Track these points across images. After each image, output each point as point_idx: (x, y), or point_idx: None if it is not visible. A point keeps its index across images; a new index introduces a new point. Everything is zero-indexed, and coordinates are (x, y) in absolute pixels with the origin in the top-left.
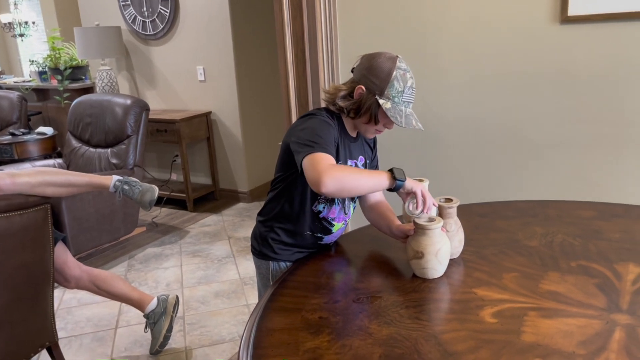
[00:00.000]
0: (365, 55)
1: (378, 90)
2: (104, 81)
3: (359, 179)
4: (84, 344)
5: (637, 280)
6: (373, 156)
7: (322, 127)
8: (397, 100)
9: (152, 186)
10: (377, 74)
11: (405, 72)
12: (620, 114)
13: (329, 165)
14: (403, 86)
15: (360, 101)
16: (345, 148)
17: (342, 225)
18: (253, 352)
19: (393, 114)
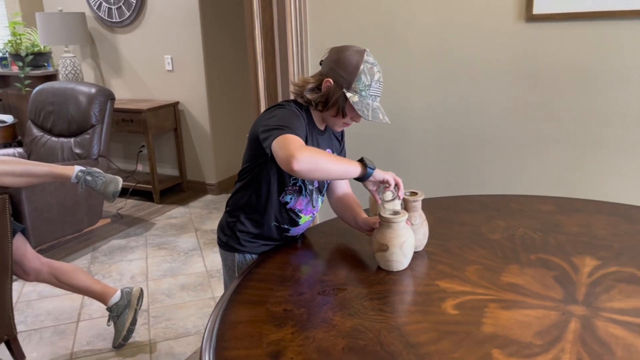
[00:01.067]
0: (334, 48)
1: (345, 83)
2: (67, 69)
3: (331, 162)
4: (44, 337)
5: (593, 273)
6: (341, 149)
7: (290, 116)
8: (364, 94)
9: (116, 177)
10: (344, 67)
11: (373, 65)
12: (582, 112)
13: (301, 145)
14: (370, 80)
15: (328, 94)
16: (313, 141)
17: (310, 218)
18: (216, 344)
19: (360, 108)
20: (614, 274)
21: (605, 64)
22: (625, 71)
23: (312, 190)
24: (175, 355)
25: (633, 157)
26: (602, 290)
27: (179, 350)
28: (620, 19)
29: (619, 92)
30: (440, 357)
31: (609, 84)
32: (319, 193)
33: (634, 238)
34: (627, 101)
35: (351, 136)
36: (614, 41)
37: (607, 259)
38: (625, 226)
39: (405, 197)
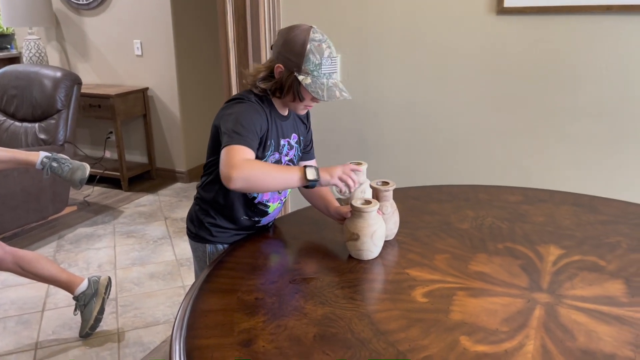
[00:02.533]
0: (281, 30)
1: (295, 66)
2: (31, 51)
3: (269, 178)
4: (8, 327)
5: (557, 262)
6: (307, 131)
7: (247, 114)
8: (316, 74)
9: (83, 164)
10: (292, 50)
11: (321, 42)
12: (550, 105)
13: (241, 161)
14: (320, 58)
15: (281, 80)
16: (277, 128)
17: (279, 205)
18: (187, 333)
19: (314, 89)
20: (577, 263)
21: (573, 58)
22: (592, 65)
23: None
24: (144, 344)
25: (597, 150)
26: (565, 278)
27: (148, 339)
28: (590, 14)
29: (585, 86)
30: (409, 344)
31: (576, 78)
32: None
33: (597, 228)
34: (594, 95)
35: (323, 125)
36: (583, 36)
37: (571, 248)
38: (588, 216)
39: (377, 186)
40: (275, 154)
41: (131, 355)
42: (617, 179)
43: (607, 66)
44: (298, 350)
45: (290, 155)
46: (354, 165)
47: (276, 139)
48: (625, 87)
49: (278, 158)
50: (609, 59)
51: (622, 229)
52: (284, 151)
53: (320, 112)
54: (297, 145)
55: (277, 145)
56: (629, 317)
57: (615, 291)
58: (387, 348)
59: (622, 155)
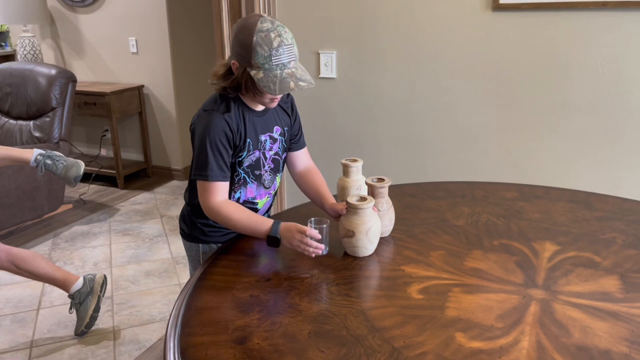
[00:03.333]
0: (236, 22)
1: (246, 61)
2: (26, 49)
3: (237, 228)
4: (3, 325)
5: (552, 258)
6: (293, 121)
7: (213, 139)
8: (267, 66)
9: (78, 161)
10: (241, 44)
11: (268, 32)
12: (546, 101)
13: (214, 206)
14: (268, 49)
15: (238, 77)
16: (254, 125)
17: (268, 199)
18: (181, 330)
19: (265, 84)
20: (573, 259)
21: (569, 54)
22: (588, 62)
23: (261, 174)
24: (140, 342)
25: (593, 146)
26: (560, 274)
27: (144, 337)
28: (585, 10)
29: (581, 82)
30: (405, 341)
31: (571, 74)
32: (275, 174)
33: (592, 224)
34: (590, 91)
35: (318, 122)
36: (579, 32)
37: (566, 244)
38: (583, 212)
39: (372, 183)
40: (255, 152)
41: (127, 353)
42: (613, 175)
43: (603, 62)
44: (293, 347)
45: (274, 149)
46: (314, 230)
47: (254, 136)
48: (621, 83)
49: (259, 155)
50: (604, 55)
51: (617, 225)
52: (266, 146)
53: (316, 108)
54: (281, 137)
55: (255, 142)
56: (624, 313)
57: (610, 287)
58: (382, 345)
59: (618, 152)
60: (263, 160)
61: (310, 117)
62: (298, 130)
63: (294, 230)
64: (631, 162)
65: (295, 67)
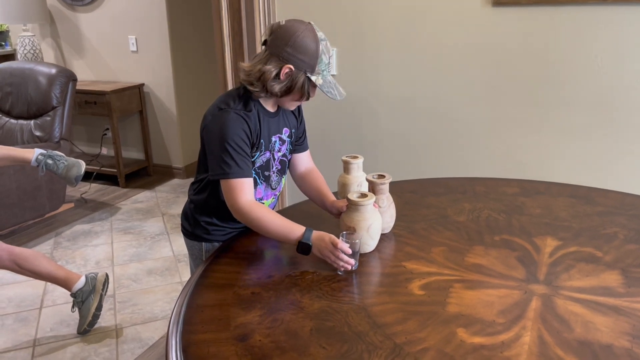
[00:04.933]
0: (278, 28)
1: (309, 68)
2: (26, 48)
3: (267, 231)
4: (6, 324)
5: (553, 253)
6: (299, 123)
7: (234, 137)
8: (325, 73)
9: (79, 161)
10: (304, 52)
11: (326, 41)
12: (545, 96)
13: (244, 206)
14: (328, 57)
15: (291, 81)
16: (266, 126)
17: (273, 200)
18: (183, 328)
19: (327, 89)
20: (574, 254)
21: (569, 49)
22: (587, 56)
23: (270, 175)
24: (143, 340)
25: (594, 141)
26: (562, 269)
27: (146, 335)
28: (586, 5)
29: (582, 77)
30: (406, 337)
31: (572, 69)
32: (281, 175)
33: (593, 219)
34: (589, 86)
35: (319, 119)
36: (579, 27)
37: (568, 239)
38: (585, 208)
39: (373, 179)
40: (266, 152)
41: (129, 351)
42: (614, 170)
43: (604, 57)
44: (294, 344)
45: (282, 150)
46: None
47: (267, 137)
48: (622, 78)
49: (269, 157)
50: (605, 50)
51: (619, 220)
52: (275, 147)
53: (316, 106)
54: (289, 139)
55: (267, 143)
56: (626, 308)
57: (612, 282)
58: (383, 341)
59: (620, 147)
60: (272, 161)
61: (310, 114)
62: (302, 133)
63: (327, 240)
64: (632, 156)
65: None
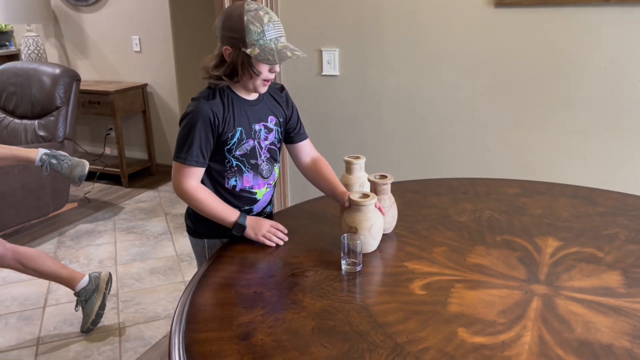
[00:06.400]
0: (219, 15)
1: (240, 42)
2: (30, 48)
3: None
4: (10, 323)
5: (555, 253)
6: (290, 113)
7: (195, 124)
8: (262, 42)
9: (83, 161)
10: (231, 27)
11: (257, 10)
12: (547, 96)
13: (190, 187)
14: (260, 26)
15: (232, 62)
16: (243, 115)
17: (268, 190)
18: (185, 327)
19: (264, 57)
20: (575, 254)
21: (571, 50)
22: (590, 57)
23: (258, 163)
24: (145, 339)
25: (596, 142)
26: (563, 269)
27: (149, 334)
28: (589, 6)
29: (584, 78)
30: (407, 336)
31: (573, 70)
32: (272, 164)
33: (595, 219)
34: (591, 86)
35: (321, 119)
36: (582, 28)
37: (569, 239)
38: (586, 208)
39: (375, 180)
40: (249, 141)
41: (132, 350)
42: (615, 170)
43: (606, 58)
44: (296, 343)
45: (270, 138)
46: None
47: (246, 125)
48: (624, 78)
49: (253, 144)
50: (607, 51)
51: (620, 220)
52: (261, 136)
53: (318, 106)
54: (277, 127)
55: (249, 131)
56: (627, 308)
57: (612, 282)
58: (385, 340)
59: (622, 147)
60: (259, 150)
61: (312, 114)
62: (297, 122)
63: (262, 220)
64: (634, 157)
65: (285, 42)
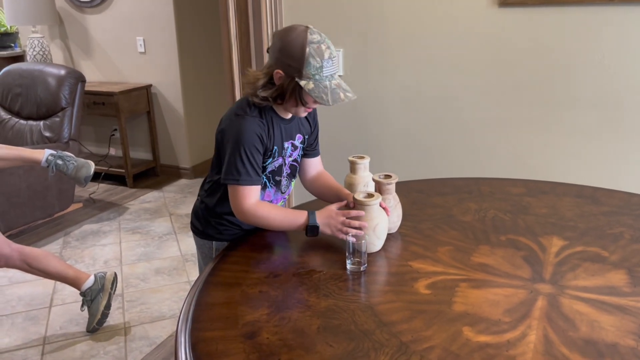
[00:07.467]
0: (277, 33)
1: (296, 72)
2: (35, 50)
3: (274, 225)
4: (16, 323)
5: (559, 253)
6: (313, 129)
7: (247, 142)
8: (317, 77)
9: (88, 161)
10: (290, 55)
11: (320, 44)
12: (552, 96)
13: (248, 209)
14: (320, 61)
15: (282, 86)
16: (281, 133)
17: (282, 203)
18: (192, 326)
19: (318, 94)
20: (580, 254)
21: (575, 49)
22: (595, 57)
23: (280, 180)
24: (151, 339)
25: (600, 141)
26: (568, 269)
27: (154, 334)
28: (593, 5)
29: (587, 78)
30: (412, 335)
31: (578, 70)
32: (290, 179)
33: (599, 219)
34: (595, 86)
35: (325, 120)
36: (585, 27)
37: (573, 239)
38: (590, 207)
39: (379, 179)
40: (279, 159)
41: (138, 350)
42: (620, 170)
43: (610, 57)
44: (302, 341)
45: (294, 155)
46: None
47: (280, 143)
48: (629, 78)
49: (281, 162)
50: (611, 50)
51: (624, 219)
52: (287, 153)
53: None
54: (301, 145)
55: (280, 149)
56: (632, 307)
57: (617, 281)
58: (390, 339)
59: (625, 147)
60: (283, 167)
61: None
62: (315, 139)
63: (332, 214)
64: (638, 156)
65: (338, 80)
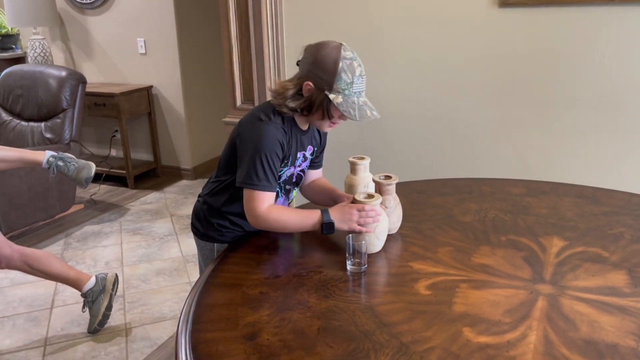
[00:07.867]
0: (309, 47)
1: (327, 85)
2: (36, 51)
3: (287, 229)
4: (17, 324)
5: (560, 253)
6: (321, 141)
7: (268, 148)
8: (347, 92)
9: (89, 163)
10: (323, 68)
11: (352, 60)
12: (552, 97)
13: (262, 214)
14: (351, 77)
15: (310, 98)
16: (296, 143)
17: None
18: (192, 327)
19: (346, 109)
20: (580, 254)
21: (576, 50)
22: (593, 57)
23: (290, 189)
24: (152, 340)
25: (601, 142)
26: (568, 269)
27: (155, 335)
28: (593, 5)
29: (587, 78)
30: (412, 336)
31: (578, 70)
32: (295, 187)
33: (600, 219)
34: (595, 86)
35: None
36: (585, 27)
37: (574, 239)
38: (591, 208)
39: (379, 180)
40: (292, 168)
41: (139, 351)
42: (620, 170)
43: (610, 57)
44: (302, 342)
45: (302, 166)
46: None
47: (294, 153)
48: (628, 78)
49: (293, 171)
50: (611, 50)
51: (625, 220)
52: (297, 163)
53: None
54: (310, 156)
55: (294, 159)
56: (632, 308)
57: (618, 282)
58: (390, 340)
59: (626, 147)
60: (293, 176)
61: None
62: (322, 151)
63: (346, 207)
64: (638, 156)
65: (365, 98)
